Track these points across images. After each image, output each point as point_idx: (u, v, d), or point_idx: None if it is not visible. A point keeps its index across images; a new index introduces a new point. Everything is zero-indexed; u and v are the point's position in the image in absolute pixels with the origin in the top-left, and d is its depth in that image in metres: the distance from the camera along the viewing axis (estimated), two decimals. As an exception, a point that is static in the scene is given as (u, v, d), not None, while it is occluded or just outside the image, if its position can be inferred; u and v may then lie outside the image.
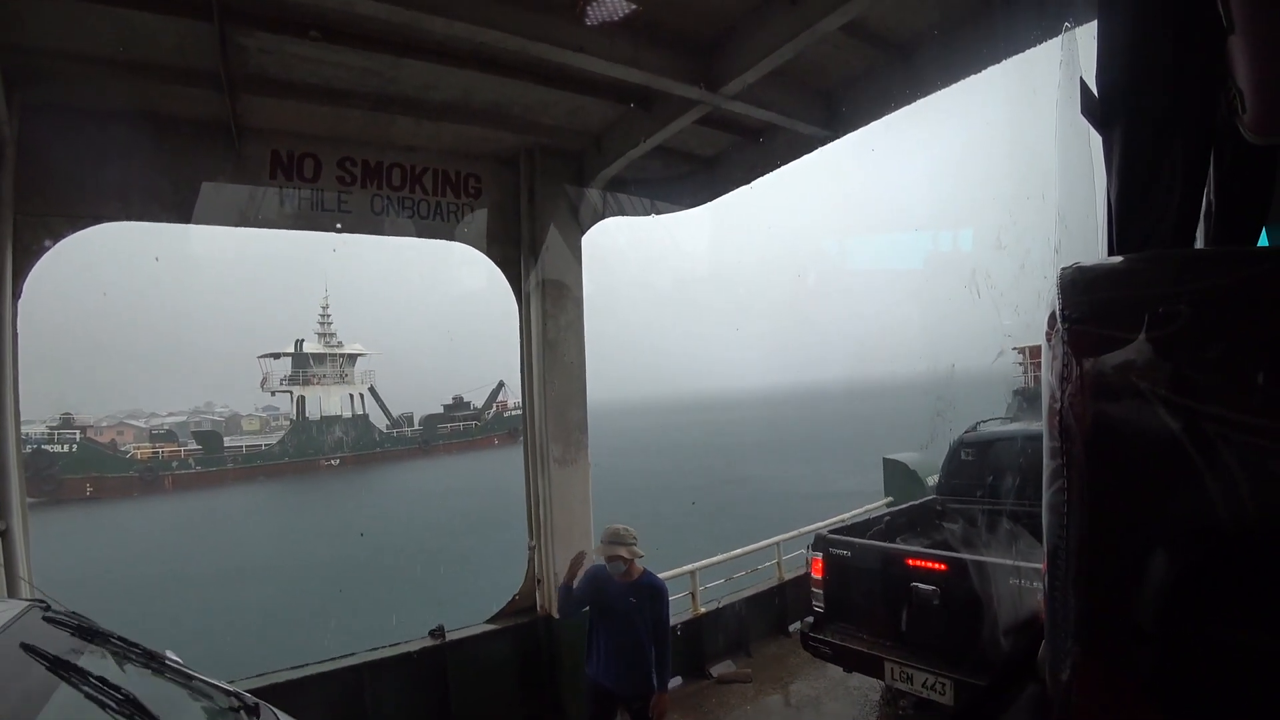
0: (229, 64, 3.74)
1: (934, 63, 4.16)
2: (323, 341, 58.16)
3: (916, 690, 4.51)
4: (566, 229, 5.57)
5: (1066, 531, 0.66)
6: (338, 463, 52.94)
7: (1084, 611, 0.66)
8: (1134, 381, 0.62)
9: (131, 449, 49.60)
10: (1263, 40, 0.85)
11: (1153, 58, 0.98)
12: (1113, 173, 1.00)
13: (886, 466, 11.56)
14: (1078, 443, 0.65)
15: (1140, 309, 0.63)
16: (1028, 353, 17.34)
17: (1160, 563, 0.62)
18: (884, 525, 5.93)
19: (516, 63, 4.08)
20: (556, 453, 5.47)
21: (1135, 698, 0.64)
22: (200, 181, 4.40)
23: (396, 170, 5.07)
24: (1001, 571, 4.15)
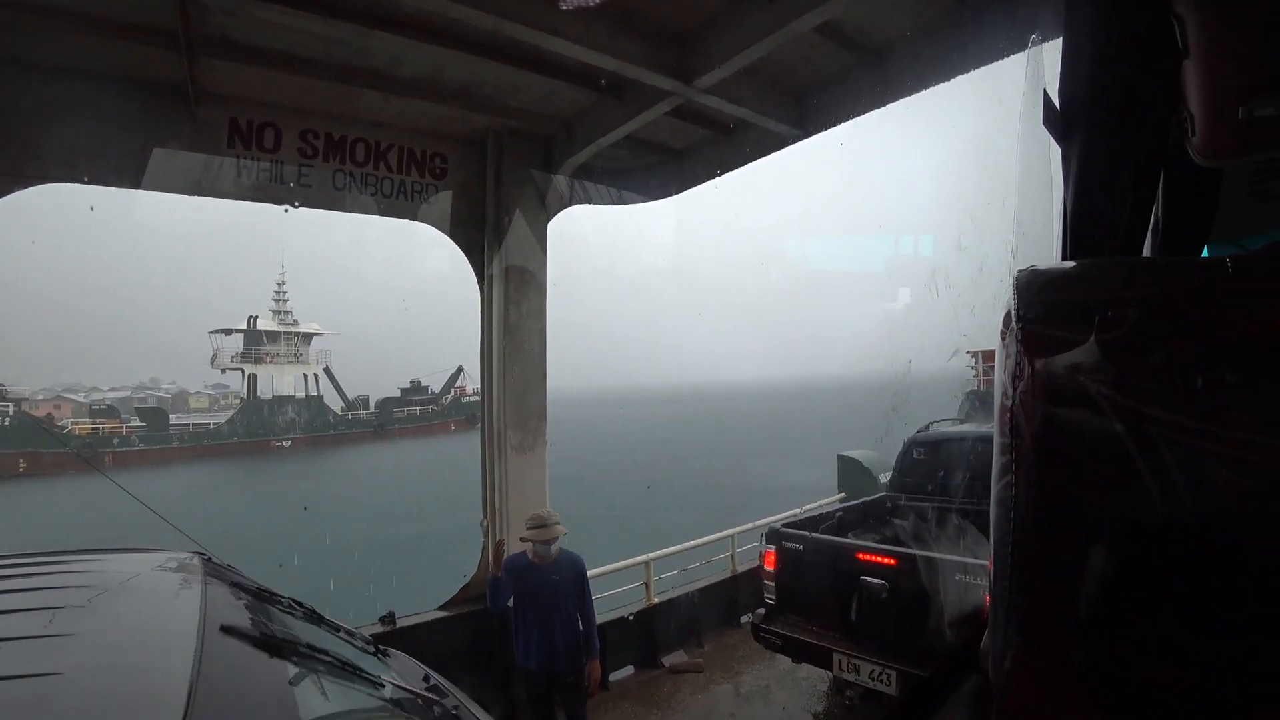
0: (189, 23, 3.59)
1: (904, 68, 4.23)
2: (277, 319, 56.44)
3: (863, 681, 4.62)
4: (532, 214, 5.52)
5: (1013, 526, 0.68)
6: (289, 444, 51.60)
7: (1027, 604, 0.69)
8: (1082, 382, 0.64)
9: (70, 424, 47.54)
10: (1212, 68, 0.89)
11: (1113, 77, 1.01)
12: (1069, 182, 1.04)
13: (841, 463, 11.79)
14: (1026, 439, 0.67)
15: (1090, 312, 0.65)
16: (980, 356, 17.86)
17: (1100, 558, 0.65)
18: (836, 520, 6.05)
19: (489, 42, 4.01)
20: (514, 440, 5.43)
21: (1070, 688, 0.67)
22: (153, 146, 4.21)
23: (361, 145, 4.94)
24: (948, 567, 4.27)
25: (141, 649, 1.53)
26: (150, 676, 1.39)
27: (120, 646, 1.53)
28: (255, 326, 55.05)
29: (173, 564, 2.10)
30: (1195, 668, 0.62)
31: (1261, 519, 0.58)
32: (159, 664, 1.44)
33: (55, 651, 1.44)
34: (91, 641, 1.53)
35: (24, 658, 1.38)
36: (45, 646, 1.45)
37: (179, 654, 1.46)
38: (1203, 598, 0.62)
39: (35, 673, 1.32)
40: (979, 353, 18.14)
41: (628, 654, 6.25)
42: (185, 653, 1.46)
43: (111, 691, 1.32)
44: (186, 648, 1.49)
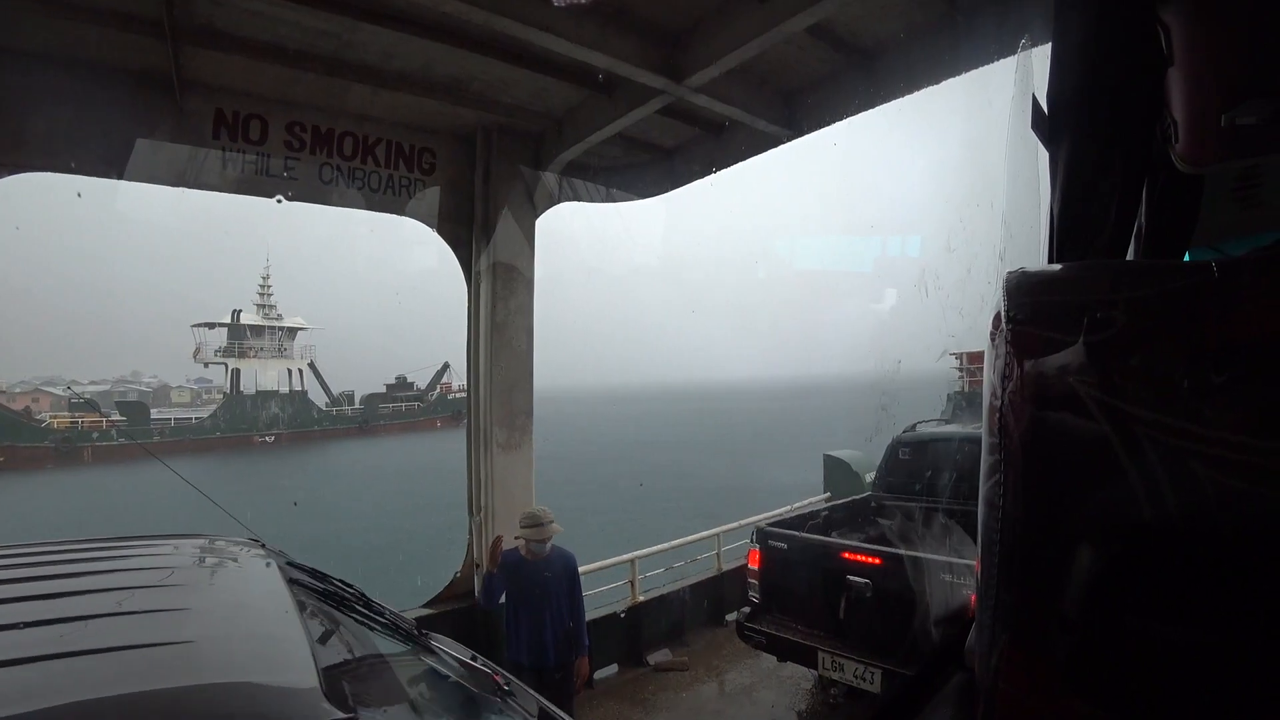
0: (174, 12, 3.55)
1: (895, 71, 4.26)
2: (261, 313, 55.97)
3: (847, 679, 4.65)
4: (520, 211, 5.50)
5: (1001, 525, 0.69)
6: (272, 439, 51.19)
7: (1014, 601, 0.70)
8: (1069, 382, 0.65)
9: (48, 417, 46.87)
10: (1195, 76, 0.90)
11: (1099, 83, 1.02)
12: (1057, 186, 1.05)
13: (827, 463, 11.87)
14: (1015, 439, 0.68)
15: (1079, 313, 0.66)
16: (964, 358, 18.00)
17: (1086, 556, 0.66)
18: (821, 520, 6.08)
19: (480, 37, 3.99)
20: (501, 437, 5.42)
21: (1055, 683, 0.68)
22: (136, 136, 4.15)
23: (348, 139, 4.91)
24: (933, 566, 4.31)
25: (254, 619, 1.64)
26: (276, 643, 1.50)
27: (233, 618, 1.64)
28: (239, 320, 54.57)
29: (239, 547, 2.21)
30: (1178, 662, 0.63)
31: (1243, 518, 0.59)
32: (277, 632, 1.55)
33: (177, 623, 1.53)
34: (206, 614, 1.65)
35: (153, 629, 1.46)
36: (166, 619, 1.55)
37: (288, 623, 1.58)
38: (1186, 594, 0.63)
39: (172, 640, 1.41)
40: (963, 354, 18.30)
41: (613, 652, 6.25)
42: (293, 622, 1.58)
43: (248, 654, 1.44)
44: (291, 618, 1.60)
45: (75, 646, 1.29)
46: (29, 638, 1.32)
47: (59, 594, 1.58)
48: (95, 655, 1.28)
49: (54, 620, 1.41)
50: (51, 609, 1.48)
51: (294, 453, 48.63)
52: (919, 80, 4.14)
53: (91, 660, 1.26)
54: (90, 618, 1.45)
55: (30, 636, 1.32)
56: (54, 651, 1.26)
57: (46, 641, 1.31)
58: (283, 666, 1.41)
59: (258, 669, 1.38)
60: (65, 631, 1.37)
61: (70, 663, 1.24)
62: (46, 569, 1.74)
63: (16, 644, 1.27)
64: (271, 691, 1.31)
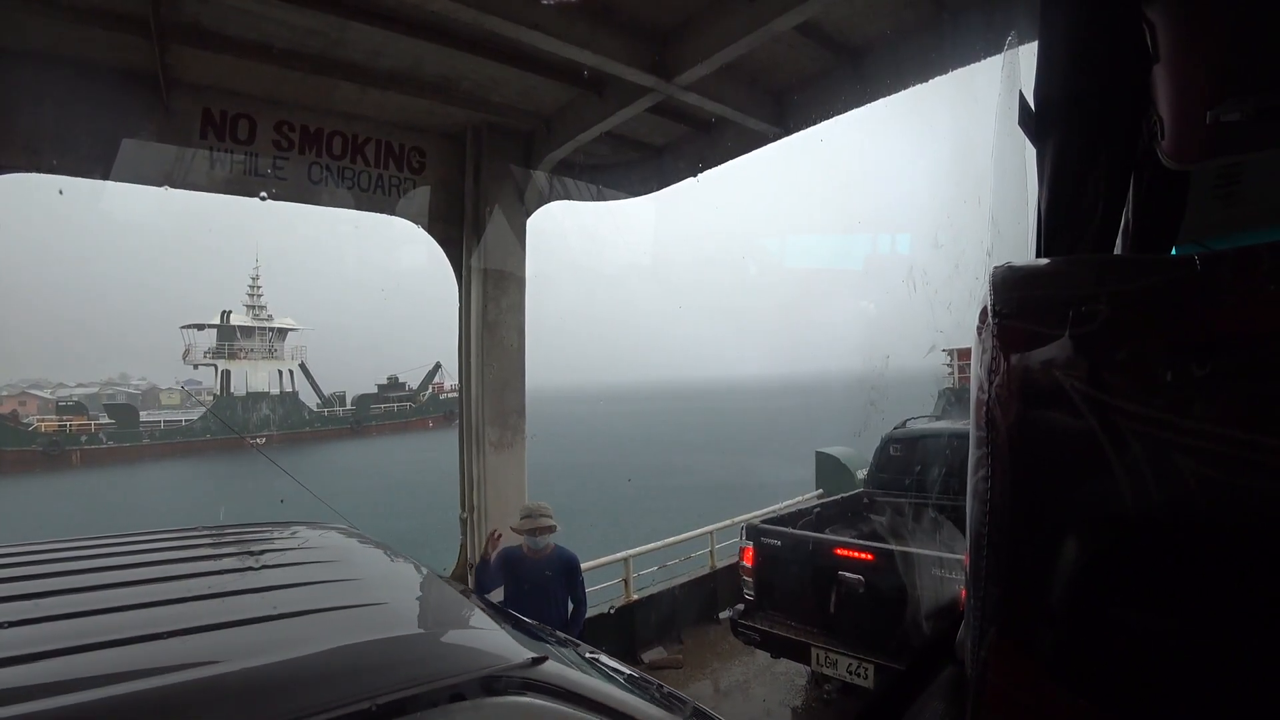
0: (160, 10, 3.51)
1: (883, 69, 4.28)
2: (251, 314, 55.56)
3: (841, 675, 4.67)
4: (511, 210, 5.49)
5: (988, 518, 0.70)
6: (263, 441, 50.84)
7: (1001, 594, 0.70)
8: (1055, 375, 0.66)
9: (35, 421, 46.36)
10: (1180, 73, 0.91)
11: (1086, 80, 1.03)
12: (1044, 182, 1.06)
13: (819, 459, 11.89)
14: (1002, 432, 0.68)
15: (1064, 307, 0.67)
16: (955, 354, 18.02)
17: (1071, 548, 0.66)
18: (814, 516, 6.10)
19: (469, 35, 3.98)
20: (493, 436, 5.40)
21: (1042, 675, 0.68)
22: (122, 136, 4.11)
23: (337, 138, 4.88)
24: (924, 561, 4.33)
25: (414, 585, 1.80)
26: (450, 602, 1.71)
27: (395, 584, 1.82)
28: (229, 321, 54.13)
29: (348, 533, 2.31)
30: (1162, 653, 0.64)
31: (1225, 509, 0.60)
32: (444, 593, 1.73)
33: (358, 590, 1.70)
34: (372, 582, 1.81)
35: (344, 594, 1.63)
36: (347, 586, 1.71)
37: (443, 587, 1.77)
38: (1169, 586, 0.64)
39: (370, 602, 1.60)
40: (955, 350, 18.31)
41: (607, 650, 6.24)
42: (446, 586, 1.78)
43: (435, 610, 1.64)
44: (440, 582, 1.79)
45: (301, 608, 1.48)
46: (270, 600, 1.51)
47: (248, 568, 1.76)
48: (324, 614, 1.48)
49: (271, 587, 1.60)
50: (261, 579, 1.67)
51: (286, 454, 48.32)
52: (907, 78, 4.16)
53: (326, 616, 1.47)
54: (288, 586, 1.63)
55: (262, 600, 1.52)
56: (309, 608, 1.48)
57: (293, 603, 1.51)
58: (470, 619, 1.65)
59: (452, 620, 1.61)
60: (293, 596, 1.56)
61: (321, 617, 1.45)
62: (214, 549, 1.91)
63: (273, 604, 1.48)
64: (478, 636, 1.53)
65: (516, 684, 1.31)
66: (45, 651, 1.15)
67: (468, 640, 1.50)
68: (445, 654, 1.39)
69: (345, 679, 1.19)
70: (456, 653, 1.39)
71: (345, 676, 1.20)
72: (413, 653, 1.35)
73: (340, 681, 1.18)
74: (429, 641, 1.45)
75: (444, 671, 1.27)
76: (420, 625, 1.54)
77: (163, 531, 2.07)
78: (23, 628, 1.24)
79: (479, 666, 1.30)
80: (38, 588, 1.47)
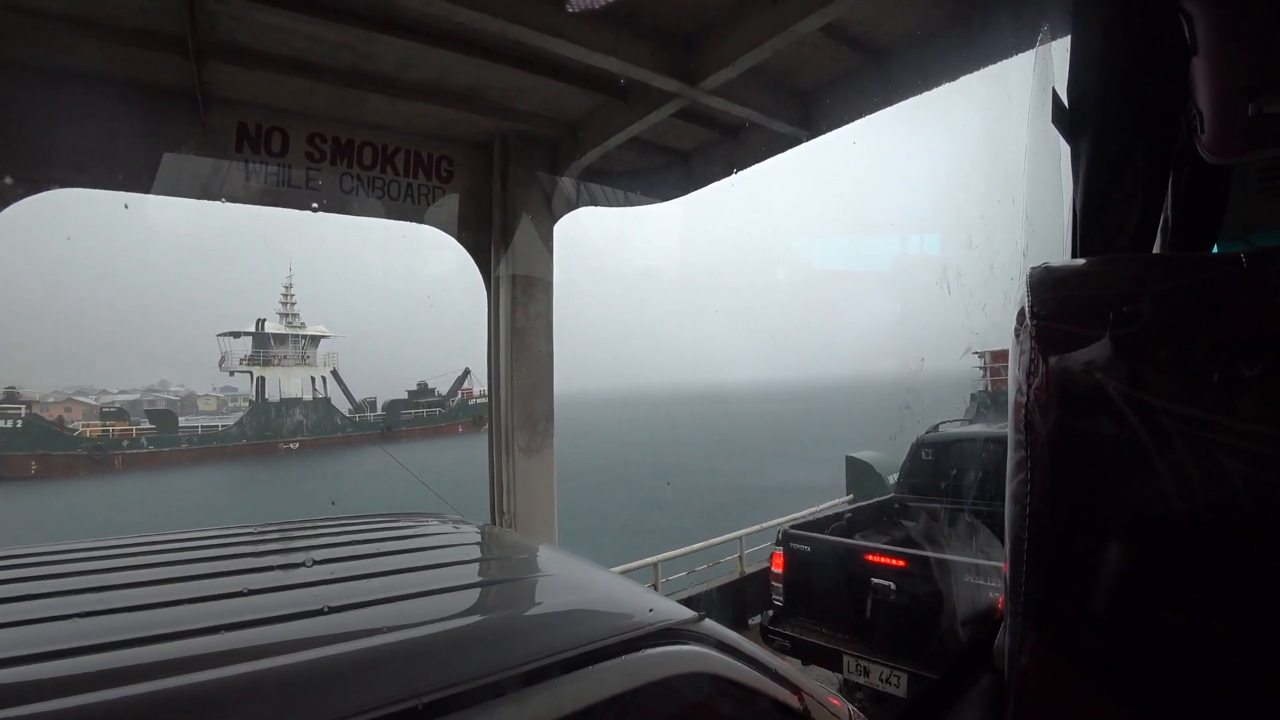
0: (197, 29, 3.61)
1: (910, 69, 4.22)
2: (285, 322, 56.75)
3: (873, 683, 4.61)
4: (539, 217, 5.52)
5: (1028, 521, 0.68)
6: (297, 446, 51.85)
7: (1043, 599, 0.69)
8: (1096, 377, 0.64)
9: (80, 426, 47.86)
10: (1221, 65, 0.88)
11: (1121, 74, 1.01)
12: (1079, 180, 1.03)
13: (849, 464, 11.77)
14: (1041, 435, 0.67)
15: (1104, 308, 0.65)
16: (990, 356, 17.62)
17: (1115, 552, 0.64)
18: (845, 521, 6.04)
19: (494, 45, 4.02)
20: (522, 441, 5.43)
21: (1085, 681, 0.67)
22: (162, 151, 4.24)
23: (367, 149, 4.96)
24: (958, 567, 4.26)
25: (559, 562, 1.94)
26: (599, 574, 1.87)
27: (554, 561, 1.96)
28: (263, 329, 55.34)
29: (468, 524, 2.45)
30: (1210, 658, 0.62)
31: (1274, 510, 0.58)
32: (590, 569, 1.89)
33: (521, 564, 1.91)
34: (530, 559, 2.00)
35: (512, 569, 1.85)
36: (508, 562, 1.93)
37: (586, 563, 1.92)
38: (1216, 589, 0.62)
39: (540, 574, 1.81)
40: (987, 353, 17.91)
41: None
42: (587, 563, 1.94)
43: (592, 581, 1.79)
44: (579, 560, 1.94)
45: (481, 579, 1.72)
46: (446, 575, 1.69)
47: (421, 549, 1.92)
48: (507, 583, 1.71)
49: (438, 565, 1.75)
50: (430, 558, 1.82)
51: (318, 459, 49.22)
52: (935, 77, 4.10)
53: (510, 585, 1.70)
54: (456, 564, 1.81)
55: (445, 574, 1.70)
56: (491, 579, 1.74)
57: (465, 577, 1.73)
58: (628, 586, 1.82)
59: (615, 586, 1.77)
60: (463, 571, 1.78)
61: (506, 586, 1.69)
62: (373, 536, 2.05)
63: (448, 578, 1.66)
64: (643, 598, 1.70)
65: (685, 635, 1.48)
66: (230, 625, 1.23)
67: (637, 600, 1.65)
68: (624, 611, 1.55)
69: (546, 632, 1.36)
70: (633, 610, 1.53)
71: (546, 630, 1.38)
72: (596, 610, 1.54)
73: (543, 634, 1.35)
74: (607, 602, 1.63)
75: (626, 626, 1.42)
76: (591, 590, 1.70)
77: (321, 519, 2.29)
78: (171, 608, 1.33)
79: (653, 621, 1.46)
80: (176, 573, 1.57)
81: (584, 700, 1.20)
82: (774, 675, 1.63)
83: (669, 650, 1.41)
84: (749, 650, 1.64)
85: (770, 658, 1.73)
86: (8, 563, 1.59)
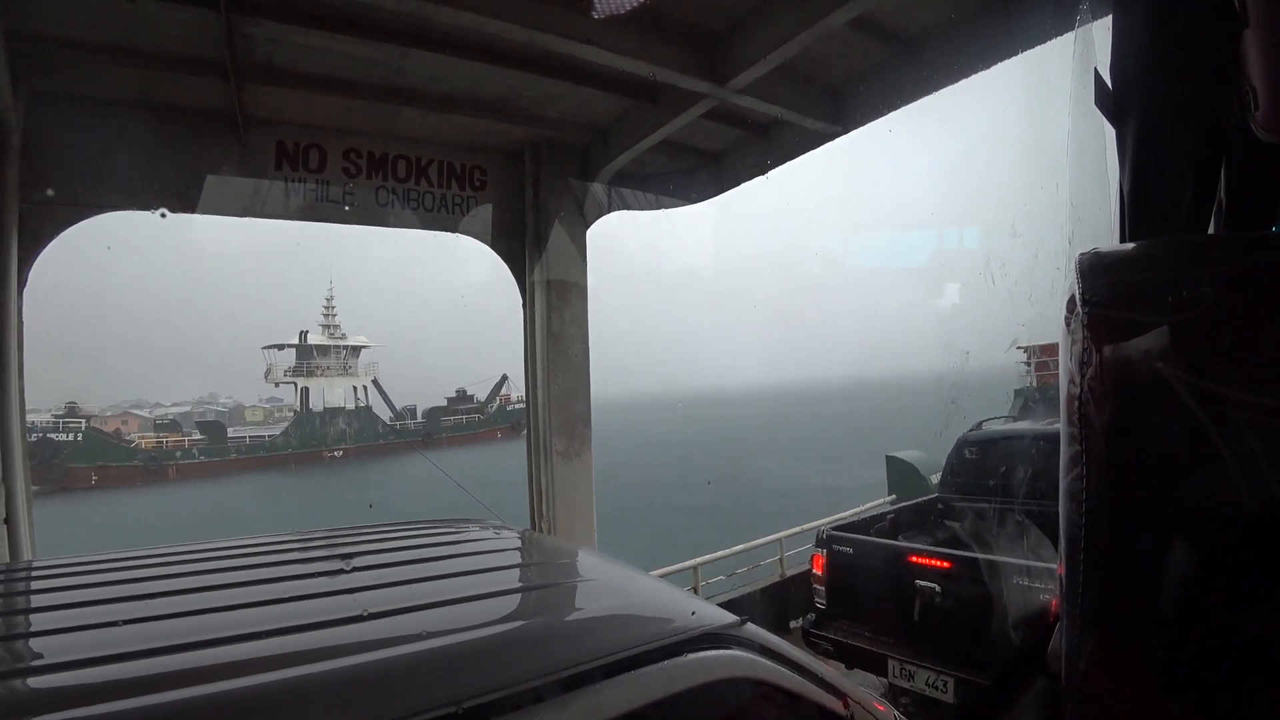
0: (235, 53, 3.73)
1: (943, 58, 4.14)
2: (326, 333, 58.13)
3: (919, 688, 4.51)
4: (571, 223, 5.56)
5: (1085, 519, 0.65)
6: (340, 454, 53.05)
7: (1103, 600, 0.66)
8: (1155, 365, 0.61)
9: (136, 438, 49.69)
10: (1274, 37, 0.84)
11: (1167, 51, 0.97)
12: (1126, 164, 1.00)
13: (890, 464, 11.55)
14: (1097, 428, 0.64)
15: (1162, 292, 0.62)
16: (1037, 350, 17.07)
17: (1181, 549, 0.61)
18: (887, 523, 5.93)
19: (523, 54, 4.07)
20: (560, 446, 5.47)
21: (1150, 686, 0.64)
22: (205, 172, 4.40)
23: (402, 162, 5.06)
24: (1006, 569, 4.14)
25: (604, 568, 1.95)
26: (643, 580, 1.89)
27: (595, 566, 1.98)
28: (306, 341, 56.81)
29: (508, 529, 2.49)
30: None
31: None
32: (634, 575, 1.91)
33: (562, 569, 1.95)
34: (571, 564, 2.04)
35: (553, 574, 1.90)
36: (554, 566, 1.96)
37: (630, 570, 1.95)
38: None
39: (582, 579, 1.85)
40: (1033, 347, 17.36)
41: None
42: (630, 566, 1.97)
43: (637, 584, 1.81)
44: (624, 567, 1.97)
45: (524, 585, 1.77)
46: (489, 580, 1.72)
47: (459, 555, 1.97)
48: (549, 588, 1.76)
49: (480, 570, 1.80)
50: (473, 564, 1.88)
51: (361, 466, 50.26)
52: (969, 66, 4.02)
53: (552, 590, 1.75)
54: (501, 569, 1.86)
55: (486, 579, 1.72)
56: (533, 584, 1.80)
57: (506, 582, 1.78)
58: (670, 591, 1.84)
59: (658, 591, 1.78)
60: (505, 576, 1.83)
61: (548, 591, 1.75)
62: (409, 542, 2.07)
63: (492, 584, 1.69)
64: (686, 602, 1.72)
65: (728, 640, 1.47)
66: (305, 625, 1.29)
67: (678, 605, 1.66)
68: (666, 615, 1.56)
69: (588, 637, 1.37)
70: (676, 614, 1.54)
71: (589, 635, 1.39)
72: (638, 615, 1.55)
73: (585, 639, 1.36)
74: (648, 606, 1.63)
75: (669, 630, 1.41)
76: (633, 594, 1.71)
77: (365, 527, 2.29)
78: (249, 610, 1.39)
79: (696, 625, 1.46)
80: (256, 575, 1.64)
81: (627, 705, 1.19)
82: (818, 680, 1.61)
83: (712, 655, 1.40)
84: (792, 655, 1.62)
85: (814, 662, 1.71)
86: (65, 571, 1.65)
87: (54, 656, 1.20)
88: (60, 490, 40.77)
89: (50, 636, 1.30)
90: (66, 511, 33.62)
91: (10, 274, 3.76)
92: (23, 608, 1.54)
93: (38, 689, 1.09)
